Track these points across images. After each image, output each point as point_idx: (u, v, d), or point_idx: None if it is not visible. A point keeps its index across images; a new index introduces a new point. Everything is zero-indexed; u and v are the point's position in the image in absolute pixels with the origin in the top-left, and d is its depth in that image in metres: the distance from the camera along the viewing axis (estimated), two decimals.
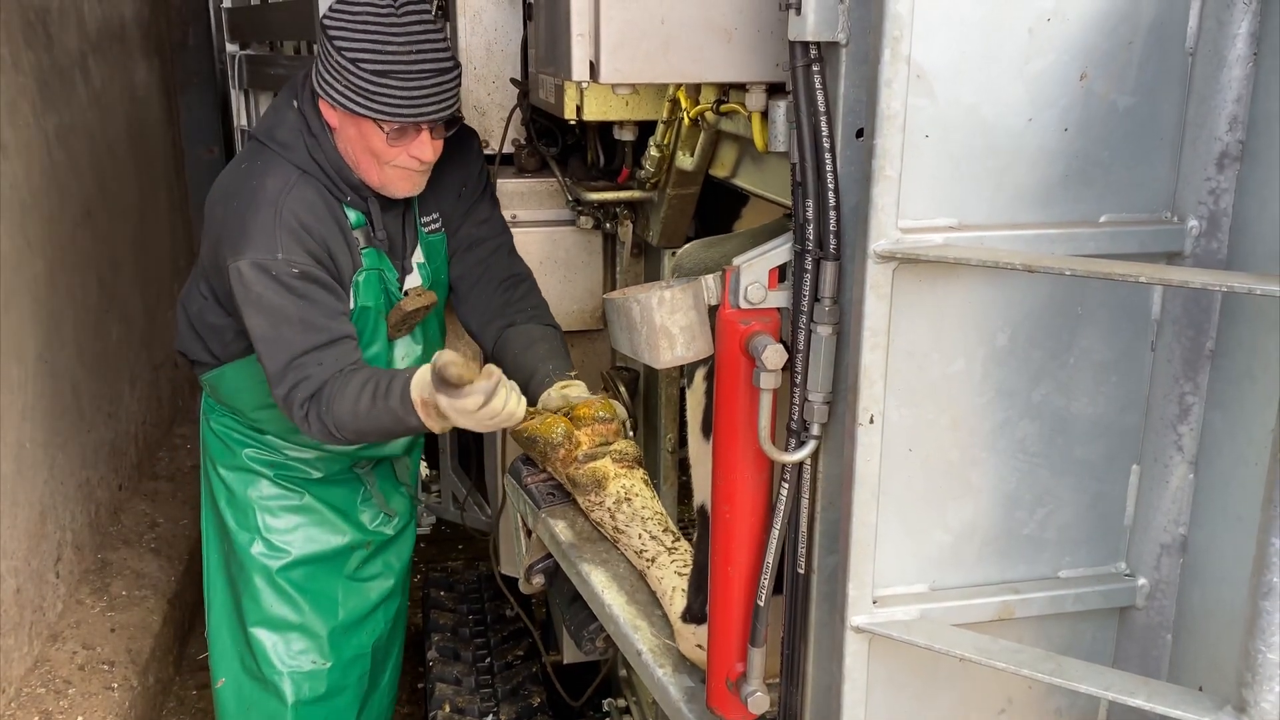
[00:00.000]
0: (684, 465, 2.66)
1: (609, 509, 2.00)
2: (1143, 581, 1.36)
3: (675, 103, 1.95)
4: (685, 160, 2.04)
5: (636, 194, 2.40)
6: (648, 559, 1.89)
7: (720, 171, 1.98)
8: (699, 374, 1.67)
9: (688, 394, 1.73)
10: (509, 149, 2.71)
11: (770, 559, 1.37)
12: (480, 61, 2.67)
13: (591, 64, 1.40)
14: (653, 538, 1.93)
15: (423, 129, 2.14)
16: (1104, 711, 1.44)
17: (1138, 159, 1.24)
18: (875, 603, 1.29)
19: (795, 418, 1.30)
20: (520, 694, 3.05)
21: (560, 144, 2.66)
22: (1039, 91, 1.19)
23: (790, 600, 1.39)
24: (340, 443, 2.22)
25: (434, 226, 2.41)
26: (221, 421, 2.62)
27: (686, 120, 1.91)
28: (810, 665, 1.39)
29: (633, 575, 1.92)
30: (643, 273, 2.64)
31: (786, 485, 1.33)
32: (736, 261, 1.31)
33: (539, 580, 2.22)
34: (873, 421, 1.23)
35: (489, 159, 2.63)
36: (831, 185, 1.22)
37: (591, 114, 2.11)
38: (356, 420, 2.10)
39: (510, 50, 2.67)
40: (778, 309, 1.32)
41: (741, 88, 1.47)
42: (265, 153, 2.23)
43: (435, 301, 2.42)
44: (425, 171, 2.23)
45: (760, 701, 1.44)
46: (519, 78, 2.64)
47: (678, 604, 1.74)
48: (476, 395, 1.95)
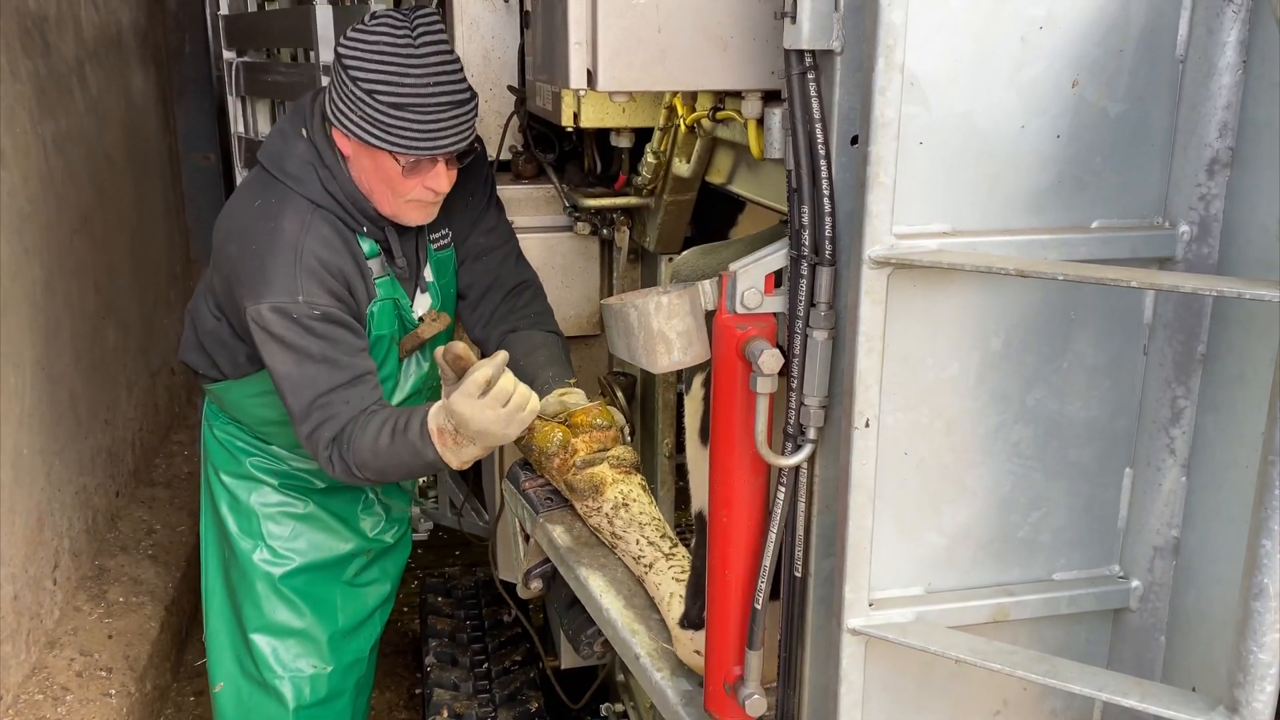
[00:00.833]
0: (681, 471, 2.67)
1: (607, 514, 2.01)
2: (1136, 583, 1.37)
3: (672, 110, 1.96)
4: (682, 167, 2.05)
5: (633, 200, 2.41)
6: (645, 565, 1.90)
7: (716, 178, 1.99)
8: (697, 380, 1.68)
9: (685, 400, 1.74)
10: (506, 156, 2.72)
11: (767, 562, 1.38)
12: (478, 69, 2.68)
13: (589, 72, 1.41)
14: (650, 543, 1.94)
15: (439, 160, 2.12)
16: (1098, 712, 1.45)
17: (1129, 165, 1.25)
18: (871, 605, 1.30)
19: (791, 422, 1.31)
20: (518, 699, 3.05)
21: (557, 151, 2.67)
22: (1031, 99, 1.20)
23: (787, 603, 1.40)
24: (362, 483, 2.24)
25: (443, 243, 2.41)
26: (225, 429, 2.62)
27: (683, 127, 1.92)
28: (807, 668, 1.40)
29: (630, 580, 1.93)
30: (640, 278, 2.65)
31: (783, 489, 1.34)
32: (733, 267, 1.32)
33: (537, 585, 2.22)
34: (868, 425, 1.24)
35: None
36: (827, 192, 1.23)
37: (589, 121, 2.12)
38: (377, 459, 2.11)
39: (507, 58, 2.68)
40: (774, 314, 1.33)
41: (738, 95, 1.48)
42: (277, 187, 2.19)
43: (449, 324, 2.43)
44: (439, 201, 2.22)
45: (758, 704, 1.44)
46: (516, 85, 2.65)
47: (675, 610, 1.75)
48: (485, 368, 1.95)
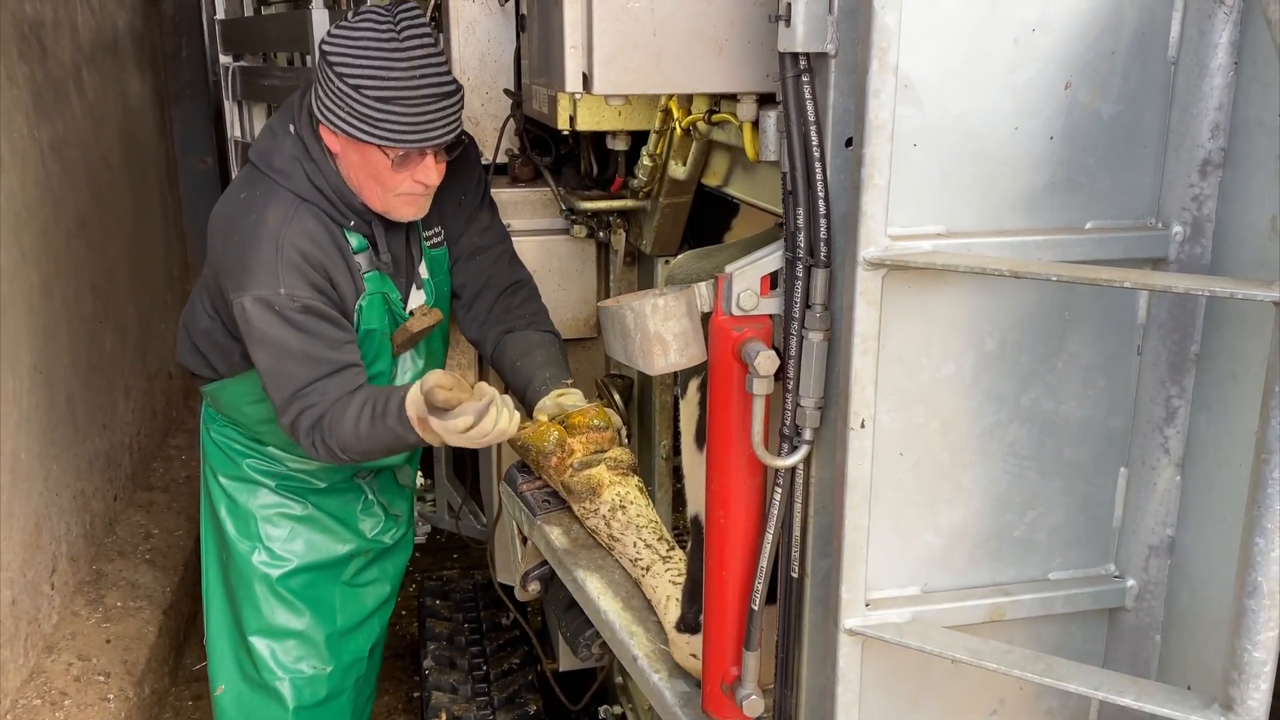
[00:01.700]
0: (678, 472, 2.67)
1: (604, 516, 2.01)
2: (1131, 583, 1.38)
3: (668, 113, 1.97)
4: (678, 169, 2.06)
5: (630, 203, 2.42)
6: (643, 568, 1.90)
7: (712, 180, 1.99)
8: (693, 385, 1.68)
9: (681, 405, 1.75)
10: (503, 159, 2.72)
11: (764, 563, 1.38)
12: (474, 72, 2.68)
13: (585, 75, 1.42)
14: (648, 546, 1.94)
15: (427, 153, 2.13)
16: (1095, 711, 1.45)
17: (1122, 166, 1.26)
18: (868, 605, 1.31)
19: (788, 423, 1.32)
20: (517, 701, 3.05)
21: (554, 154, 2.67)
22: (1025, 100, 1.21)
23: (784, 604, 1.40)
24: (347, 463, 2.24)
25: (436, 240, 2.42)
26: (223, 432, 2.62)
27: (679, 130, 1.93)
28: (804, 668, 1.40)
29: (628, 581, 1.93)
30: (636, 281, 2.65)
31: (779, 490, 1.34)
32: (729, 269, 1.33)
33: (535, 587, 2.23)
34: (864, 426, 1.25)
35: (484, 169, 2.64)
36: (822, 194, 1.23)
37: (585, 124, 2.13)
38: (359, 441, 2.12)
39: (504, 61, 2.69)
40: (770, 316, 1.34)
41: (733, 98, 1.48)
42: (264, 181, 2.21)
43: (441, 319, 2.43)
44: (429, 195, 2.23)
45: (755, 705, 1.45)
46: (512, 88, 2.66)
47: (672, 613, 1.75)
48: (466, 416, 1.96)
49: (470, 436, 2.00)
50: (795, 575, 1.38)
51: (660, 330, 1.39)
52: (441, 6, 2.73)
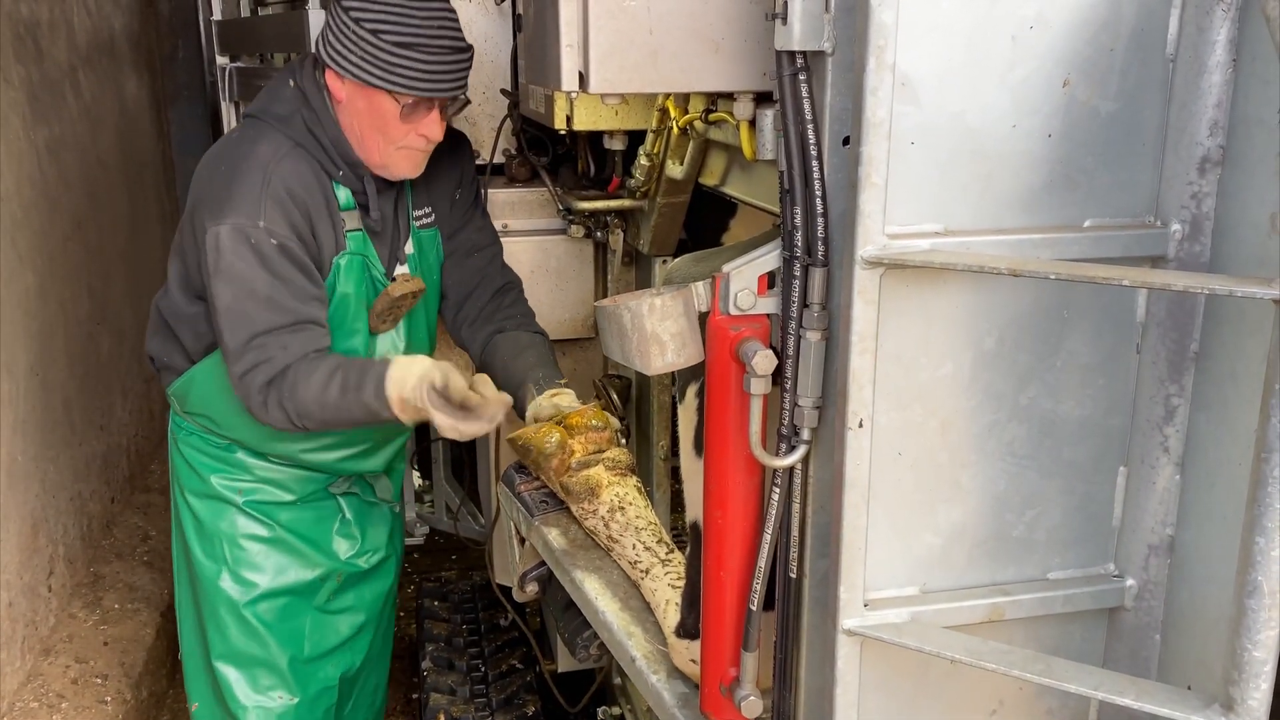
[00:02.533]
0: (676, 472, 2.67)
1: (603, 518, 2.01)
2: (1131, 582, 1.37)
3: (664, 112, 1.96)
4: (675, 169, 2.05)
5: (627, 203, 2.41)
6: (642, 570, 1.89)
7: (710, 180, 1.99)
8: (690, 390, 1.68)
9: (679, 409, 1.74)
10: (500, 159, 2.72)
11: (762, 564, 1.38)
12: (470, 72, 2.68)
13: (581, 74, 1.41)
14: (647, 549, 1.93)
15: (434, 107, 2.12)
16: (1094, 711, 1.45)
17: (1120, 164, 1.25)
18: (866, 606, 1.30)
19: (785, 423, 1.31)
20: (515, 702, 3.05)
21: (551, 154, 2.67)
22: (1023, 98, 1.21)
23: (782, 604, 1.40)
24: (302, 431, 2.16)
25: (426, 221, 2.38)
26: (189, 442, 2.50)
27: (676, 129, 1.92)
28: (803, 669, 1.40)
29: (626, 583, 1.92)
30: (634, 281, 2.65)
31: (778, 490, 1.34)
32: (726, 268, 1.32)
33: (533, 588, 2.22)
34: (862, 425, 1.24)
35: (480, 169, 2.64)
36: (819, 192, 1.23)
37: (581, 124, 2.12)
38: (323, 410, 2.06)
39: (500, 61, 2.68)
40: (767, 315, 1.34)
41: (730, 97, 1.48)
42: (259, 124, 2.18)
43: (423, 289, 2.36)
44: (428, 153, 2.21)
45: (754, 706, 1.44)
46: (509, 88, 2.65)
47: (671, 618, 1.75)
48: (483, 424, 1.95)
49: (464, 432, 2.00)
50: (793, 576, 1.37)
51: (657, 330, 1.38)
52: None
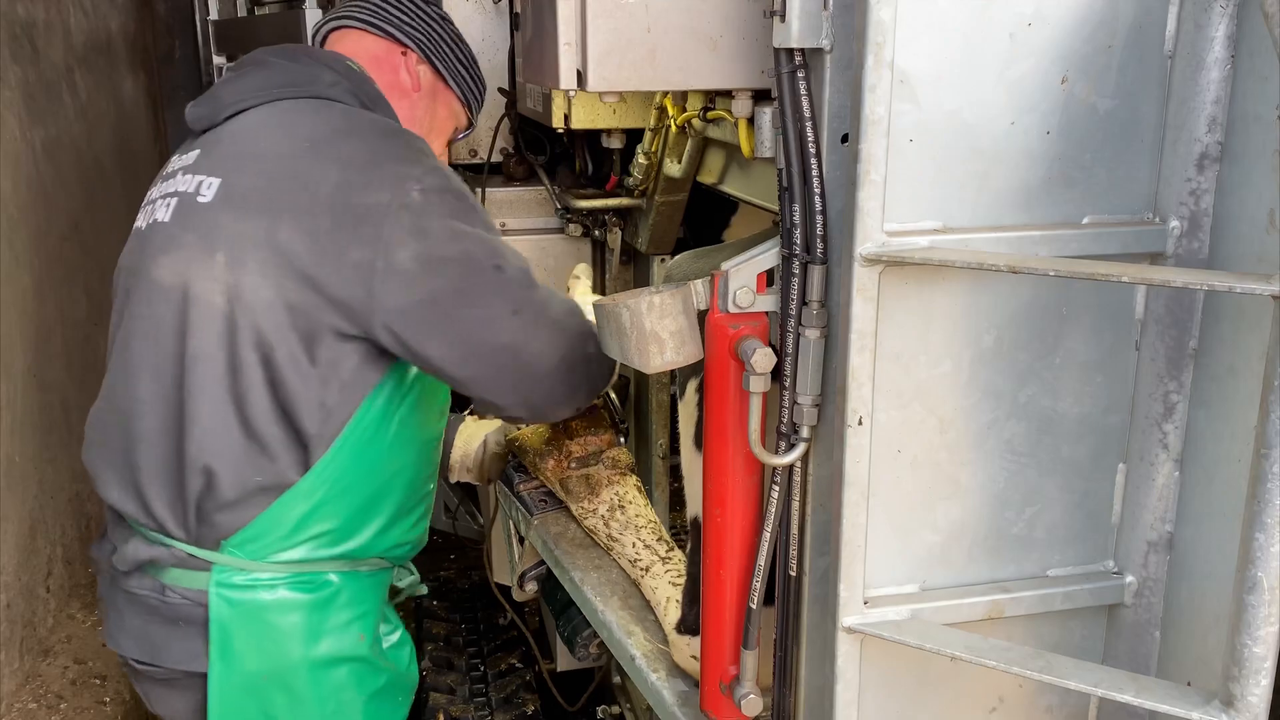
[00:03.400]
0: (676, 471, 2.67)
1: (602, 516, 2.01)
2: (1130, 579, 1.37)
3: (662, 110, 1.96)
4: (673, 167, 2.05)
5: (625, 201, 2.42)
6: (642, 568, 1.89)
7: (708, 178, 1.99)
8: (690, 386, 1.68)
9: (679, 406, 1.74)
10: (497, 158, 2.72)
11: (762, 562, 1.38)
12: None
13: (579, 73, 1.41)
14: (647, 547, 1.94)
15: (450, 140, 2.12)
16: (1094, 708, 1.45)
17: (1119, 161, 1.25)
18: (866, 603, 1.30)
19: (785, 421, 1.31)
20: (514, 702, 3.05)
21: (548, 152, 2.67)
22: (1021, 95, 1.21)
23: (782, 602, 1.39)
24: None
25: None
26: (269, 606, 1.72)
27: (674, 127, 1.92)
28: (803, 667, 1.40)
29: (625, 581, 1.92)
30: (632, 279, 2.65)
31: (777, 488, 1.34)
32: (725, 266, 1.32)
33: (532, 587, 2.22)
34: (861, 423, 1.24)
35: (478, 168, 2.64)
36: (818, 190, 1.23)
37: (579, 122, 2.13)
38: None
39: (498, 60, 2.68)
40: (766, 313, 1.33)
41: (728, 94, 1.48)
42: (331, 104, 1.77)
43: None
44: None
45: (754, 704, 1.44)
46: (507, 87, 2.65)
47: (672, 615, 1.75)
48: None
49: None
50: (793, 574, 1.37)
51: (656, 328, 1.38)
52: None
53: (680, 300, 1.37)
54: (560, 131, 2.33)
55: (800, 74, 1.22)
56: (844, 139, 1.22)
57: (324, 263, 1.59)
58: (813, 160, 1.22)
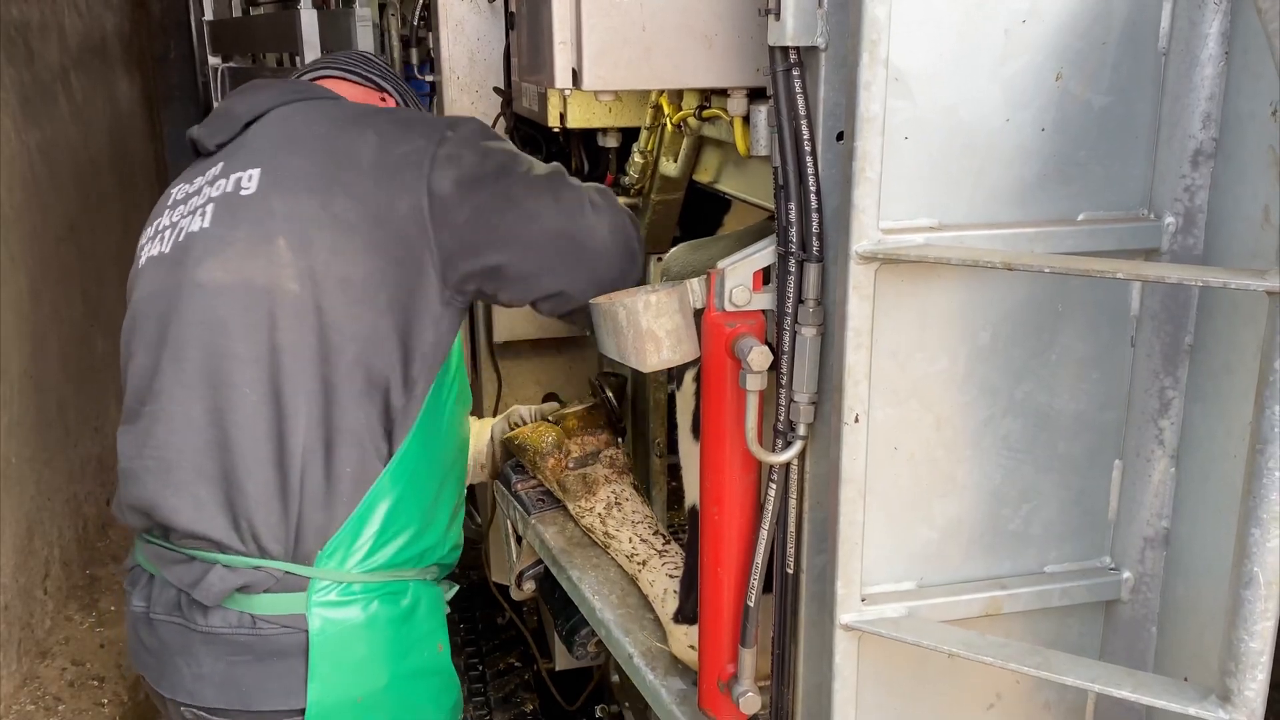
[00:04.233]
0: (673, 471, 2.67)
1: (599, 514, 2.01)
2: (1127, 575, 1.37)
3: (658, 109, 1.96)
4: (669, 166, 2.05)
5: (621, 200, 2.41)
6: (639, 563, 1.90)
7: (704, 176, 1.99)
8: (688, 375, 1.68)
9: (677, 396, 1.74)
10: None
11: (759, 559, 1.38)
12: (463, 71, 2.68)
13: (574, 71, 1.41)
14: (643, 541, 1.94)
15: None
16: (1091, 704, 1.45)
17: (1114, 157, 1.25)
18: (864, 600, 1.30)
19: (782, 418, 1.31)
20: (513, 700, 3.06)
21: (545, 152, 2.67)
22: (1015, 92, 1.21)
23: (780, 600, 1.40)
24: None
25: None
26: (380, 614, 1.72)
27: (669, 126, 1.92)
28: (800, 664, 1.40)
29: (623, 580, 1.93)
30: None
31: (774, 485, 1.34)
32: (721, 265, 1.32)
33: (530, 586, 2.22)
34: (858, 421, 1.24)
35: None
36: (813, 188, 1.23)
37: (575, 121, 2.12)
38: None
39: (493, 59, 2.68)
40: (762, 311, 1.34)
41: (723, 93, 1.48)
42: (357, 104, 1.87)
43: None
44: None
45: (752, 701, 1.44)
46: (502, 86, 2.65)
47: (669, 605, 1.75)
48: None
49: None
50: (790, 571, 1.37)
51: (653, 327, 1.38)
52: (430, 5, 2.72)
53: (676, 299, 1.37)
54: (556, 130, 2.32)
55: (795, 72, 1.22)
56: (839, 137, 1.22)
57: (379, 223, 1.62)
58: (808, 158, 1.23)
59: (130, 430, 1.72)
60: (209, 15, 4.84)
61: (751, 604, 1.40)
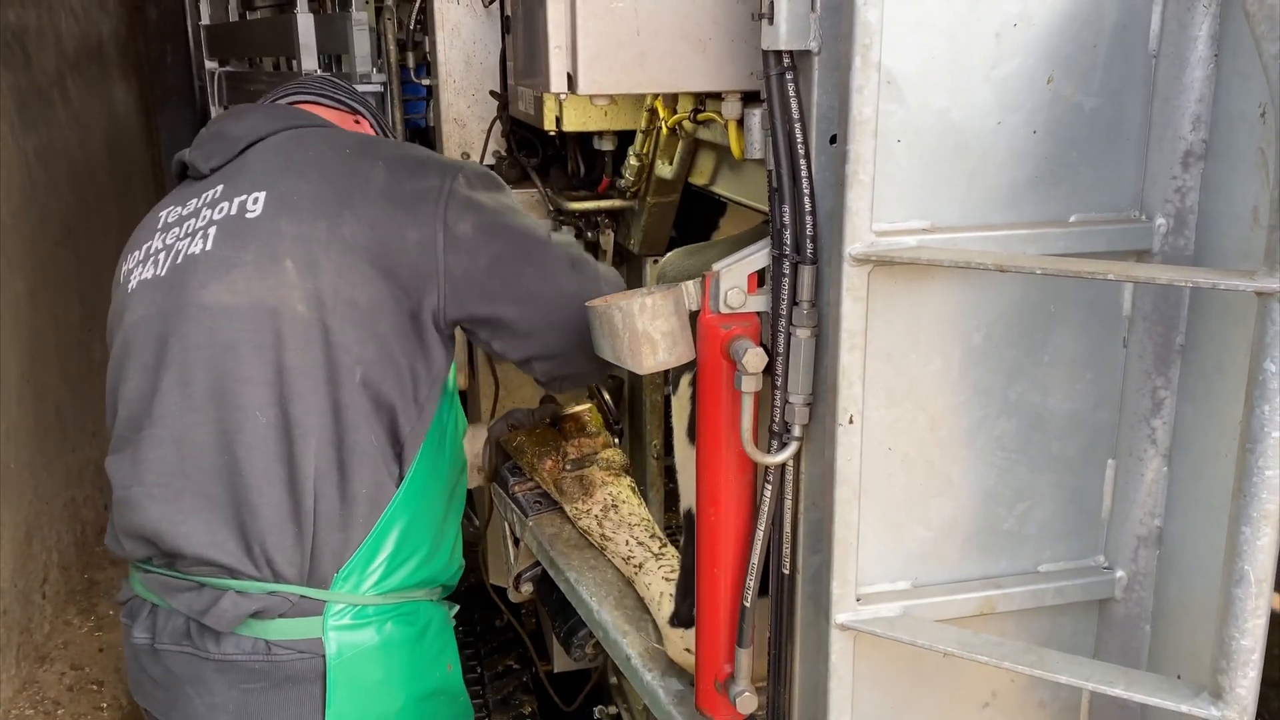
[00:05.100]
0: (670, 472, 2.68)
1: (596, 516, 2.02)
2: (1121, 574, 1.38)
3: (653, 112, 1.97)
4: (664, 169, 2.06)
5: (617, 203, 2.42)
6: (635, 565, 1.90)
7: (699, 179, 2.00)
8: (684, 380, 1.69)
9: (673, 399, 1.75)
10: (490, 160, 2.72)
11: (755, 560, 1.39)
12: (459, 74, 2.69)
13: (569, 76, 1.42)
14: (640, 544, 1.94)
15: None
16: (1086, 702, 1.46)
17: (1105, 159, 1.26)
18: (859, 600, 1.31)
19: (777, 420, 1.32)
20: (511, 703, 3.06)
21: (540, 155, 2.68)
22: (1007, 95, 1.22)
23: (776, 600, 1.40)
24: None
25: None
26: (393, 637, 1.71)
27: (665, 129, 1.93)
28: (797, 664, 1.40)
29: (620, 581, 1.93)
30: (624, 280, 2.66)
31: (770, 487, 1.35)
32: (716, 267, 1.33)
33: (527, 588, 2.23)
34: (852, 422, 1.25)
35: None
36: (807, 191, 1.24)
37: (571, 125, 2.13)
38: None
39: (489, 63, 2.69)
40: (757, 313, 1.34)
41: (718, 96, 1.48)
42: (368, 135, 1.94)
43: None
44: None
45: (748, 702, 1.45)
46: (498, 90, 2.66)
47: (666, 609, 1.76)
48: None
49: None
50: (786, 571, 1.38)
51: (648, 329, 1.39)
52: (426, 9, 2.73)
53: (672, 301, 1.38)
54: (552, 134, 2.33)
55: (789, 76, 1.22)
56: (832, 140, 1.23)
57: (388, 250, 1.62)
58: (802, 161, 1.23)
59: (124, 457, 1.68)
60: (205, 20, 4.84)
61: (748, 604, 1.41)
